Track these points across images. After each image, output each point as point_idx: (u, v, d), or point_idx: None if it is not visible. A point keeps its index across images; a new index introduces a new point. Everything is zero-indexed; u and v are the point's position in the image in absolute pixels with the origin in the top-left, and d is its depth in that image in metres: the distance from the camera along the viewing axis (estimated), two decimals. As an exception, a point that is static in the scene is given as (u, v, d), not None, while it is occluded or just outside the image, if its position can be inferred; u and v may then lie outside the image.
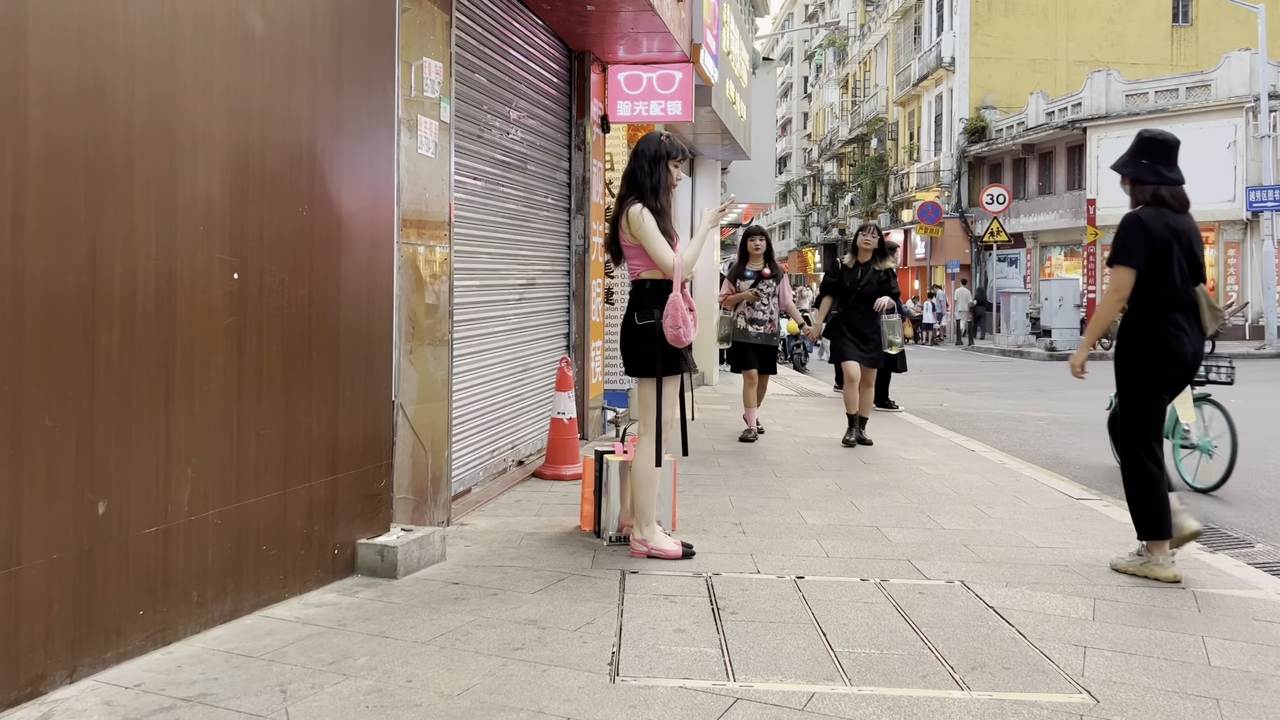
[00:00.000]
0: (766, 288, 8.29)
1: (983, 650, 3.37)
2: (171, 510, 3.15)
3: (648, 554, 4.37)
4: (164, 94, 3.10)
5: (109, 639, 2.96)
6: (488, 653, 3.21)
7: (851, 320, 8.18)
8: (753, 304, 8.26)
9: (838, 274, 8.44)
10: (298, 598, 3.70)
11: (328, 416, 3.86)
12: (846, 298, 8.23)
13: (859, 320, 8.18)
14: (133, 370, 3.01)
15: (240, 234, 3.40)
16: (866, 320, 8.21)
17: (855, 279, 8.23)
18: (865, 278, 8.21)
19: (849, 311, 8.20)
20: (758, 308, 8.27)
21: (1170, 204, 4.46)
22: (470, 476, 5.66)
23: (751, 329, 8.28)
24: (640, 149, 4.47)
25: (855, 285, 8.20)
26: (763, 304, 8.26)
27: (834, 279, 8.48)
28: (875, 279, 8.22)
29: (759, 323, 8.29)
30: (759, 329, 8.28)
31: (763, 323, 8.30)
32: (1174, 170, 4.58)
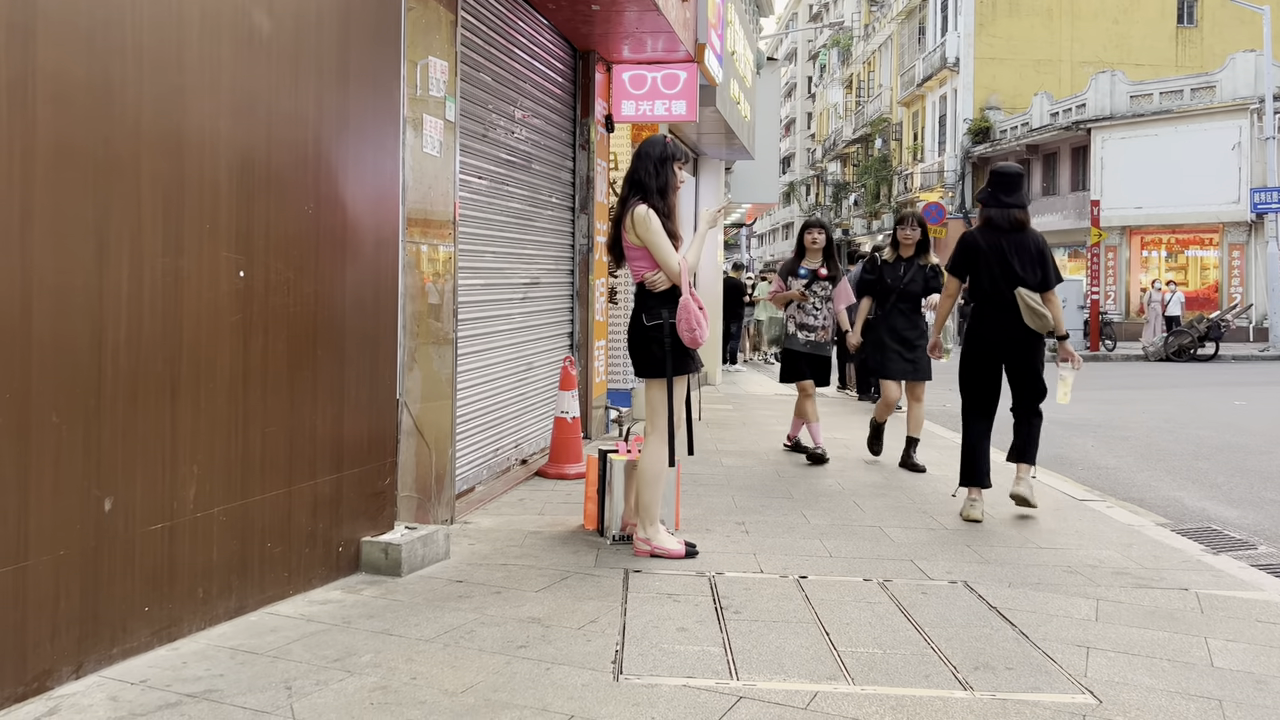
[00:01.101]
0: (821, 290, 7.24)
1: (985, 650, 3.37)
2: (177, 507, 3.16)
3: (651, 553, 4.38)
4: (171, 93, 3.11)
5: (115, 635, 2.97)
6: (492, 650, 3.22)
7: (893, 323, 7.11)
8: (802, 306, 7.23)
9: (876, 271, 7.30)
10: (302, 595, 3.72)
11: (332, 414, 3.87)
12: (886, 298, 7.16)
13: (902, 323, 7.09)
14: (139, 367, 3.02)
15: (246, 232, 3.42)
16: (910, 323, 7.11)
17: (897, 275, 7.11)
18: (909, 274, 7.09)
19: (890, 313, 7.15)
20: (807, 311, 7.22)
21: (998, 224, 5.45)
22: (474, 475, 5.67)
23: (800, 335, 7.25)
24: (644, 151, 4.48)
25: (897, 283, 7.08)
26: (814, 307, 7.20)
27: (871, 277, 7.31)
28: (920, 275, 7.12)
29: (808, 329, 7.23)
30: (807, 336, 7.23)
31: (813, 329, 7.22)
32: (1012, 197, 5.47)
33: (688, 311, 4.28)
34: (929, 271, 7.13)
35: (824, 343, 7.30)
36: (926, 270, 7.14)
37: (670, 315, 4.34)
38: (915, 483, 6.44)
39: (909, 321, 7.09)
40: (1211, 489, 6.99)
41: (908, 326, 7.08)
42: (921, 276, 7.11)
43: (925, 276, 7.12)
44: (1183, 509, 6.30)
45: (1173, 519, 5.93)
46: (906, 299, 7.11)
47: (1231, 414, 11.39)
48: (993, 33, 34.20)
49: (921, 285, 7.12)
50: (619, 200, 4.57)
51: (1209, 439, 9.27)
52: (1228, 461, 8.07)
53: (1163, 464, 7.98)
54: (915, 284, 7.10)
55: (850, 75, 50.94)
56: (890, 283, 7.14)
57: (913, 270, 7.11)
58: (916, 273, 7.11)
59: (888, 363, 7.05)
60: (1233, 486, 7.05)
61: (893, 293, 7.12)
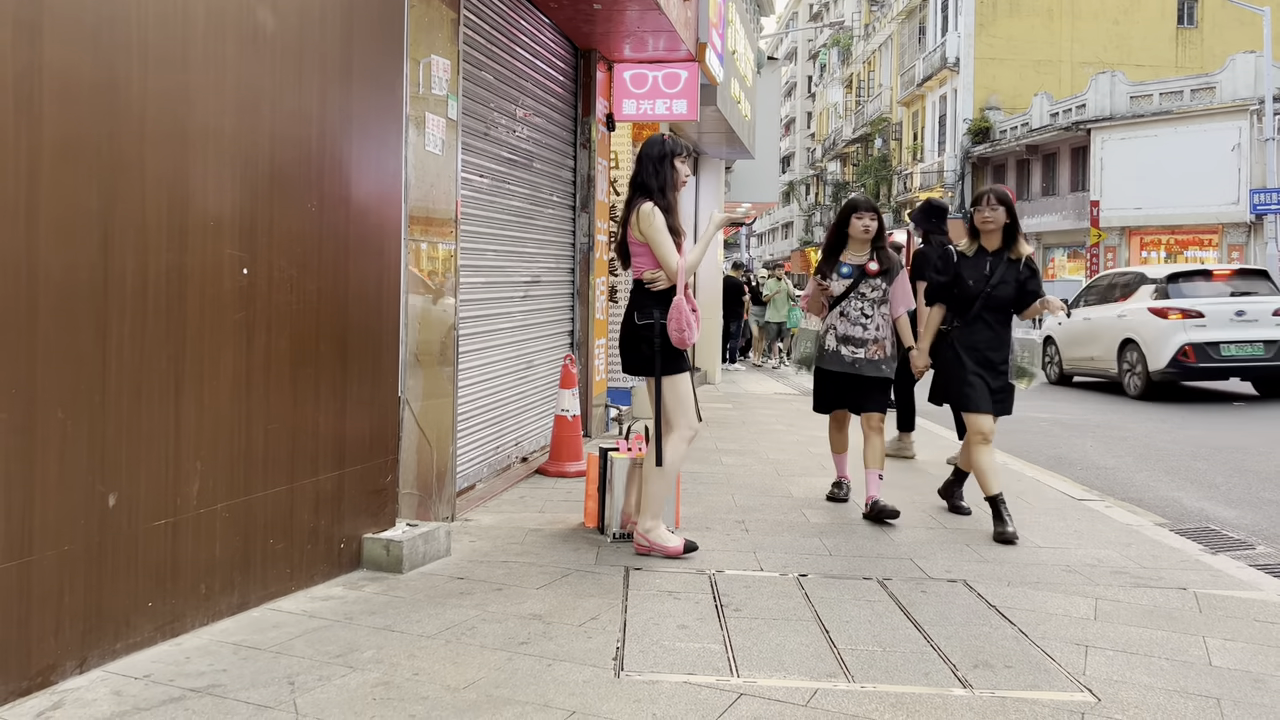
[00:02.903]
0: (871, 291, 5.43)
1: (985, 648, 3.39)
2: (181, 503, 3.17)
3: (650, 549, 4.38)
4: (176, 90, 3.13)
5: (119, 630, 2.99)
6: (493, 647, 3.23)
7: (975, 339, 5.13)
8: (845, 313, 5.44)
9: (951, 268, 5.30)
10: (304, 591, 3.73)
11: (335, 411, 3.88)
12: (967, 306, 5.15)
13: (985, 339, 5.11)
14: (143, 364, 3.03)
15: (250, 229, 3.43)
16: (996, 339, 5.13)
17: (980, 275, 5.13)
18: (996, 273, 5.11)
19: (971, 326, 5.14)
20: (853, 319, 5.41)
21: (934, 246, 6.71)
22: (475, 473, 5.69)
23: (845, 351, 5.42)
24: (644, 152, 4.49)
25: (980, 285, 5.12)
26: (862, 314, 5.40)
27: (944, 278, 5.31)
28: (1011, 275, 5.09)
29: (855, 342, 5.40)
30: (854, 352, 5.40)
31: (861, 343, 5.39)
32: (943, 225, 7.46)
33: (679, 311, 4.29)
34: (1023, 270, 5.11)
35: (879, 360, 5.41)
36: (1020, 268, 5.12)
37: (662, 315, 4.35)
38: (914, 482, 6.46)
39: (995, 337, 5.12)
40: (1210, 489, 7.00)
41: (993, 344, 5.11)
42: (1013, 277, 5.09)
43: (1018, 277, 5.10)
44: (1181, 509, 6.32)
45: (1171, 519, 5.95)
46: (993, 307, 5.11)
47: (1230, 414, 11.41)
48: (993, 33, 34.22)
49: (1013, 289, 5.10)
50: (625, 202, 4.58)
51: (1207, 439, 9.29)
52: (1226, 462, 8.08)
53: (1161, 464, 8.00)
54: (1005, 287, 5.09)
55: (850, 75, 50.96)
56: (972, 285, 5.12)
57: (1001, 268, 5.12)
58: (1006, 271, 5.10)
59: (969, 392, 5.10)
60: (1231, 487, 7.07)
61: (975, 299, 5.10)
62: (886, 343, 5.46)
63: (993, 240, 5.18)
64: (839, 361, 5.45)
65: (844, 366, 5.44)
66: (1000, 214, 5.10)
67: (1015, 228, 5.16)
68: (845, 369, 5.44)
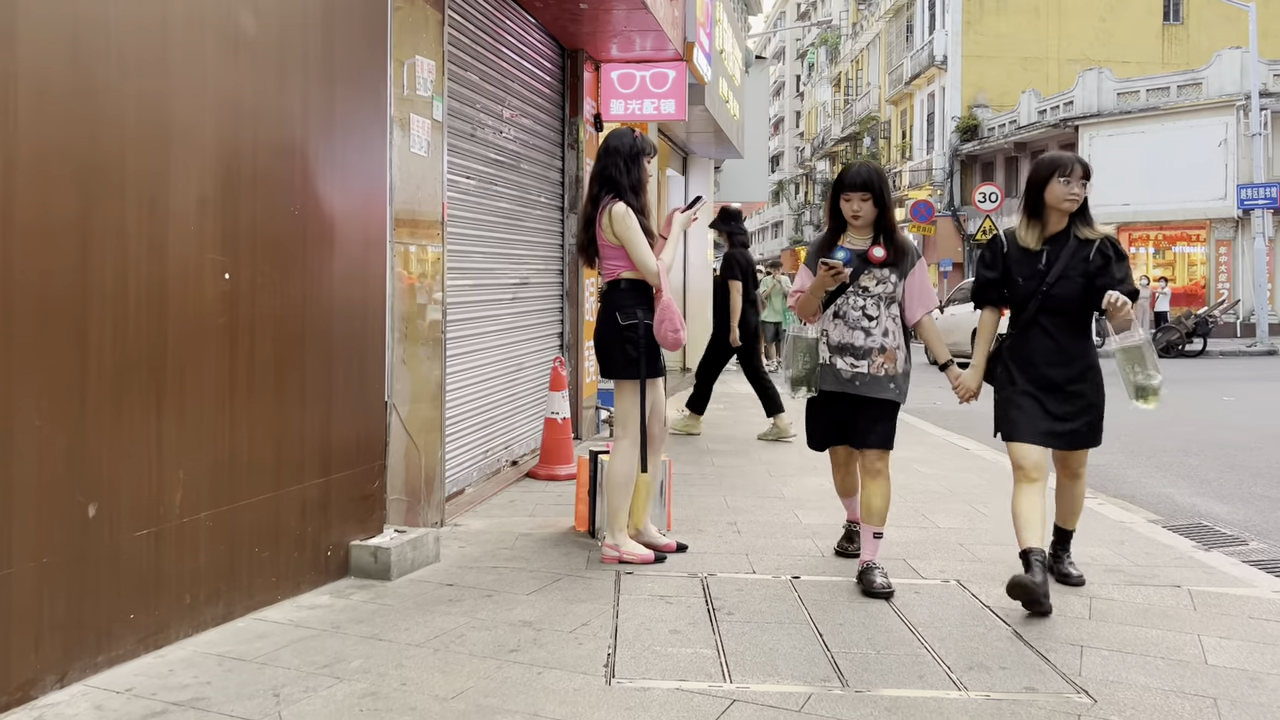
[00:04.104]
0: (875, 285, 4.08)
1: (980, 650, 3.36)
2: (163, 512, 3.12)
3: (619, 559, 4.31)
4: (155, 93, 3.07)
5: (100, 643, 2.93)
6: (482, 655, 3.19)
7: (1027, 351, 3.98)
8: (841, 314, 4.10)
9: (1001, 259, 4.06)
10: (290, 600, 3.68)
11: (320, 417, 3.83)
12: (1020, 309, 4.00)
13: (1043, 351, 3.94)
14: (124, 371, 2.98)
15: (232, 234, 3.38)
16: (1062, 353, 3.94)
17: (1034, 270, 3.93)
18: (1057, 266, 3.88)
19: (1025, 335, 3.98)
20: (851, 320, 4.07)
21: None
22: (464, 477, 5.64)
23: (841, 364, 4.08)
24: (613, 145, 4.37)
25: (1035, 284, 3.91)
26: (864, 314, 4.06)
27: (993, 274, 4.09)
28: (1079, 265, 3.88)
29: (855, 353, 4.06)
30: (855, 365, 4.06)
31: (864, 353, 4.06)
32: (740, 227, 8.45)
33: (670, 312, 4.23)
34: (1094, 257, 3.84)
35: (886, 376, 4.05)
36: (1091, 255, 3.84)
37: (646, 315, 4.29)
38: (908, 481, 6.43)
39: (1055, 349, 3.91)
40: (1202, 485, 7.00)
41: (1054, 357, 3.91)
42: (1079, 268, 3.84)
43: (1088, 268, 3.83)
44: (1173, 505, 6.31)
45: (1164, 515, 5.94)
46: (1053, 309, 3.89)
47: (1220, 410, 11.43)
48: (980, 30, 34.29)
49: (1080, 284, 3.83)
50: (588, 198, 4.45)
51: (1198, 435, 9.30)
52: (1217, 457, 8.09)
53: (1152, 460, 8.00)
54: (1067, 284, 3.85)
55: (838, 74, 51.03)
56: (1022, 284, 3.94)
57: (1064, 256, 3.86)
58: (1071, 261, 3.85)
59: (1015, 413, 3.94)
60: (1223, 482, 7.07)
61: (1028, 300, 3.92)
62: (898, 354, 4.07)
63: (1059, 221, 3.92)
64: (834, 378, 4.10)
65: (840, 384, 4.08)
66: (1079, 186, 3.85)
67: (1086, 202, 3.93)
68: (842, 387, 4.07)
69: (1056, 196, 3.87)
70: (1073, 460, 4.16)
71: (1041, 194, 3.93)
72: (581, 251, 4.51)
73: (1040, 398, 3.95)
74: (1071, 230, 3.93)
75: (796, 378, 4.19)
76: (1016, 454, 3.98)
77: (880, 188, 4.10)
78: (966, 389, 4.20)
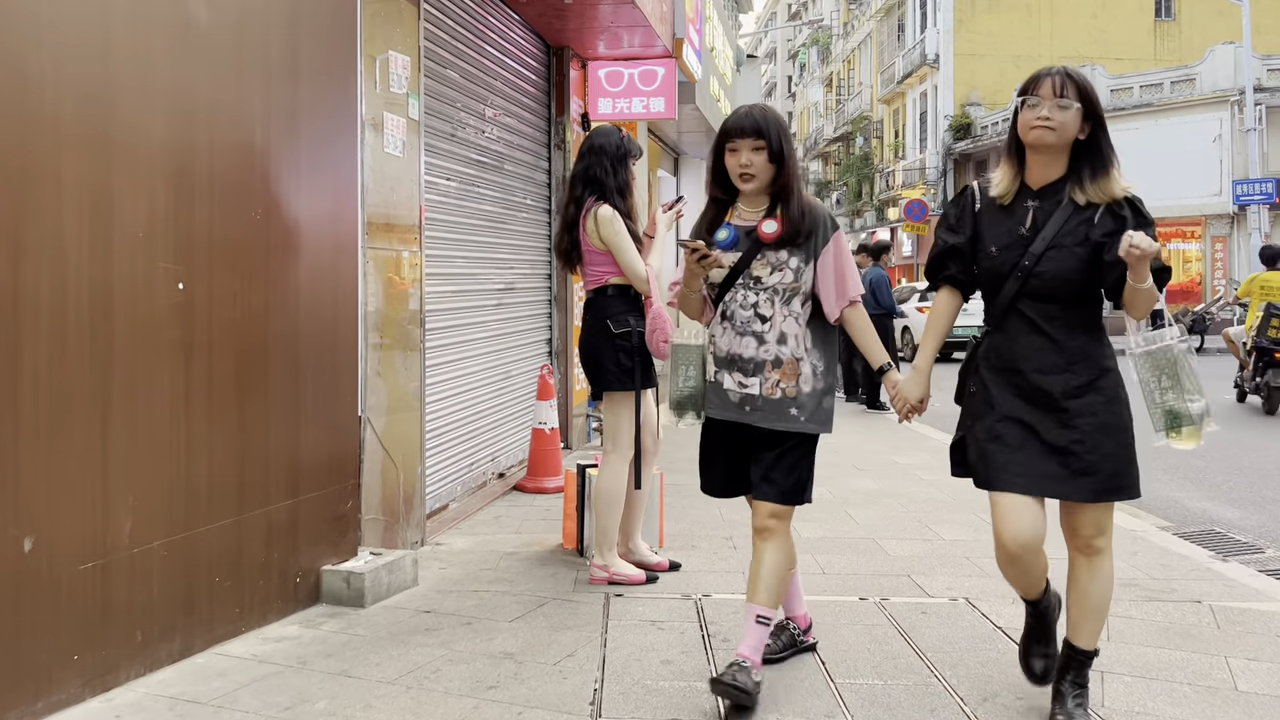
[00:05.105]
0: (770, 274, 2.97)
1: (994, 678, 3.14)
2: (111, 543, 2.88)
3: (609, 580, 4.07)
4: (96, 89, 2.84)
5: (39, 687, 2.69)
6: (459, 692, 2.95)
7: (1019, 352, 2.73)
8: (729, 314, 3.02)
9: (970, 219, 2.83)
10: (256, 631, 3.44)
11: (287, 435, 3.59)
12: (998, 287, 2.76)
13: (1041, 348, 2.70)
14: (64, 390, 2.74)
15: (186, 241, 3.14)
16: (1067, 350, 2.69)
17: (1014, 235, 2.72)
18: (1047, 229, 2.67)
19: (1008, 324, 2.76)
20: (740, 323, 2.99)
21: None
22: (447, 492, 5.40)
23: (729, 383, 3.01)
24: (598, 145, 4.11)
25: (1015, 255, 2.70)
26: (758, 312, 2.97)
27: (958, 238, 2.85)
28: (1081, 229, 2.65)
29: (744, 367, 2.98)
30: (745, 385, 2.99)
31: (755, 367, 2.97)
32: None
33: (662, 320, 3.99)
34: (1106, 216, 2.64)
35: (784, 400, 2.95)
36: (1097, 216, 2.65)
37: (638, 323, 4.06)
38: (910, 490, 6.21)
39: (1055, 346, 2.70)
40: (1211, 488, 6.79)
41: (1052, 359, 2.70)
42: (1081, 232, 2.64)
43: (1090, 233, 2.63)
44: (1184, 511, 6.10)
45: (1175, 522, 5.72)
46: (1038, 294, 2.70)
47: (1221, 408, 11.24)
48: (972, 29, 34.15)
49: (1081, 256, 2.64)
50: (569, 199, 4.18)
51: (1203, 435, 9.09)
52: (1224, 458, 7.88)
53: (1158, 462, 7.78)
54: (1062, 256, 2.65)
55: (830, 74, 50.89)
56: (997, 254, 2.74)
57: (1057, 217, 2.67)
58: (1068, 224, 2.66)
59: (992, 447, 2.77)
60: (1232, 485, 6.86)
61: (1007, 277, 2.72)
62: (803, 368, 2.94)
63: (1047, 168, 2.68)
64: (720, 401, 3.03)
65: (727, 410, 3.01)
66: (1071, 115, 2.60)
67: (1097, 144, 2.67)
68: (730, 414, 3.01)
69: (1024, 128, 2.65)
70: (1084, 522, 2.71)
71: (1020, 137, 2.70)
72: (562, 256, 4.25)
73: (1031, 422, 2.66)
74: (1064, 185, 2.66)
75: (677, 399, 3.17)
76: (999, 515, 2.72)
77: (778, 134, 2.95)
78: (903, 400, 2.96)
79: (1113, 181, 2.65)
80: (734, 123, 2.98)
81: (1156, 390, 2.66)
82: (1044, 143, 2.62)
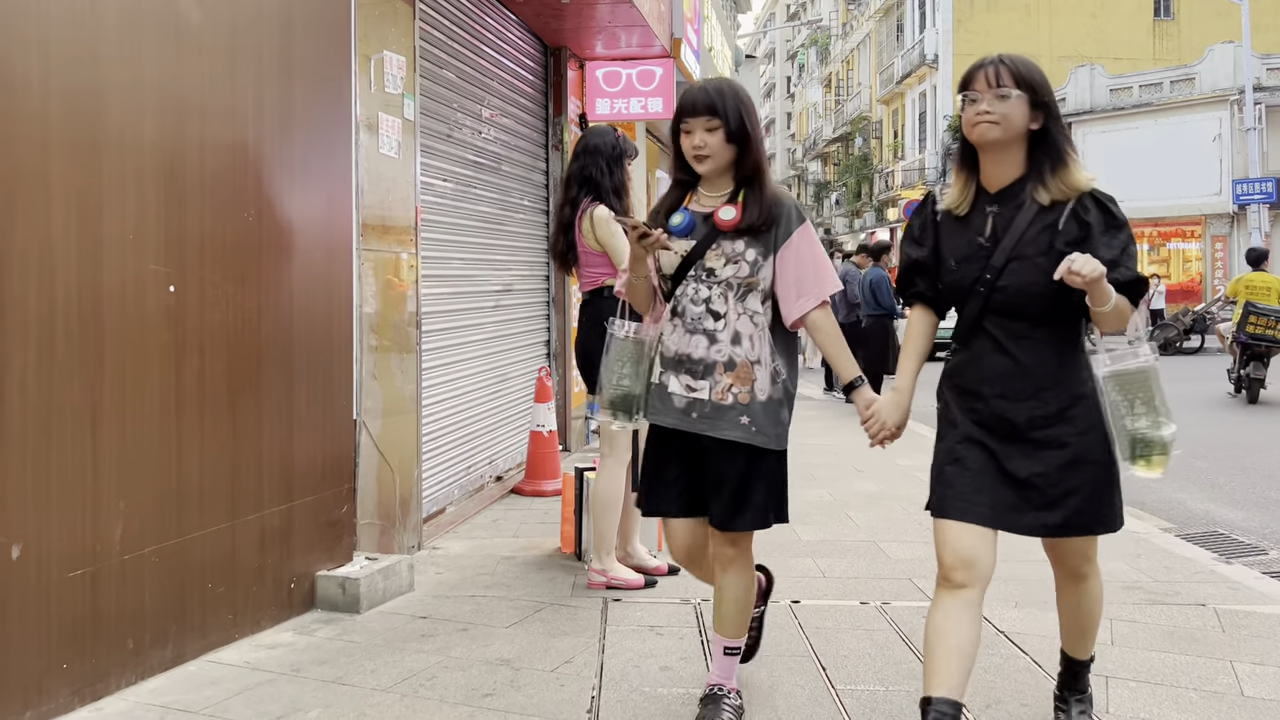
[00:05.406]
0: (724, 265, 2.64)
1: (996, 684, 3.09)
2: (101, 550, 2.84)
3: (607, 584, 4.02)
4: (85, 89, 2.80)
5: (27, 697, 2.65)
6: (454, 700, 2.91)
7: (983, 374, 2.45)
8: (679, 309, 2.69)
9: (932, 229, 2.58)
10: (249, 638, 3.39)
11: (281, 439, 3.55)
12: (962, 303, 2.50)
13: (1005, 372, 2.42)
14: (53, 395, 2.70)
15: (177, 242, 3.10)
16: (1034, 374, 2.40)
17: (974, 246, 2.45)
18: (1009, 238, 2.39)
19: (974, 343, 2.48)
20: (690, 319, 2.66)
21: None
22: (444, 495, 5.35)
23: (674, 385, 2.68)
24: (594, 144, 4.05)
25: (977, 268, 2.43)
26: (710, 305, 2.65)
27: (922, 251, 2.59)
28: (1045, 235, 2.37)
29: (693, 369, 2.65)
30: (690, 389, 2.66)
31: (705, 369, 2.64)
32: None
33: None
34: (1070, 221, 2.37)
35: (736, 406, 2.64)
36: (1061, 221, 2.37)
37: None
38: (910, 492, 6.17)
39: (1020, 370, 2.41)
40: (1213, 489, 6.75)
41: (1016, 384, 2.41)
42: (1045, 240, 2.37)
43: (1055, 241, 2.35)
44: (1186, 512, 6.05)
45: (1177, 523, 5.68)
46: (1007, 308, 2.41)
47: (1223, 408, 11.20)
48: (971, 28, 34.11)
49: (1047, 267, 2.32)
50: (564, 201, 4.12)
51: (1204, 436, 9.05)
52: (1226, 459, 7.84)
53: (1161, 464, 7.74)
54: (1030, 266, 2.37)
55: (829, 74, 50.86)
56: (957, 269, 2.49)
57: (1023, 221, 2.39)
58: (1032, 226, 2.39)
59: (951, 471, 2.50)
60: (1235, 486, 6.82)
61: (969, 293, 2.47)
62: (759, 371, 2.64)
63: (1001, 168, 2.44)
64: (664, 406, 2.70)
65: (672, 416, 2.68)
66: (1014, 104, 2.35)
67: (1050, 135, 2.40)
68: (676, 421, 2.68)
69: (967, 126, 2.41)
70: (1069, 552, 2.57)
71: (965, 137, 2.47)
72: (558, 257, 4.20)
73: (994, 449, 2.42)
74: (1027, 182, 2.41)
75: (611, 398, 2.74)
76: (940, 541, 2.48)
77: (736, 111, 2.62)
78: (879, 423, 2.63)
79: (1072, 173, 2.39)
80: (686, 100, 2.67)
81: (1128, 415, 2.33)
82: (988, 139, 2.37)
